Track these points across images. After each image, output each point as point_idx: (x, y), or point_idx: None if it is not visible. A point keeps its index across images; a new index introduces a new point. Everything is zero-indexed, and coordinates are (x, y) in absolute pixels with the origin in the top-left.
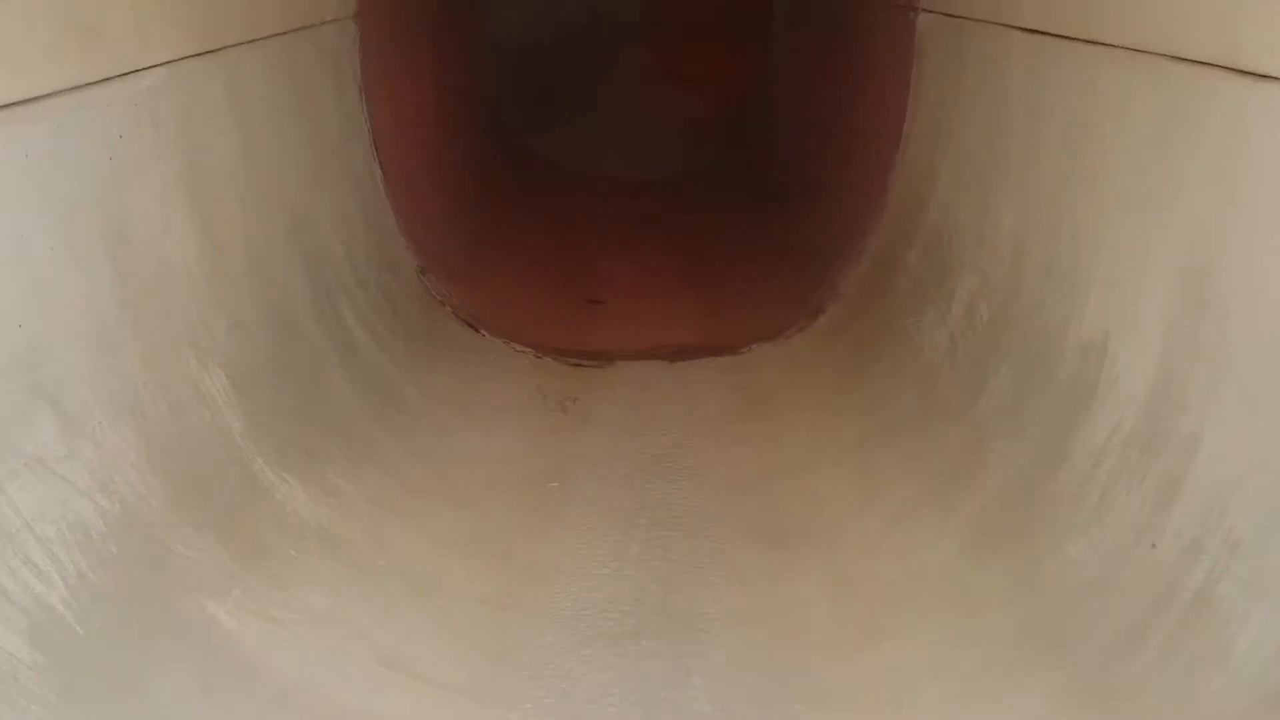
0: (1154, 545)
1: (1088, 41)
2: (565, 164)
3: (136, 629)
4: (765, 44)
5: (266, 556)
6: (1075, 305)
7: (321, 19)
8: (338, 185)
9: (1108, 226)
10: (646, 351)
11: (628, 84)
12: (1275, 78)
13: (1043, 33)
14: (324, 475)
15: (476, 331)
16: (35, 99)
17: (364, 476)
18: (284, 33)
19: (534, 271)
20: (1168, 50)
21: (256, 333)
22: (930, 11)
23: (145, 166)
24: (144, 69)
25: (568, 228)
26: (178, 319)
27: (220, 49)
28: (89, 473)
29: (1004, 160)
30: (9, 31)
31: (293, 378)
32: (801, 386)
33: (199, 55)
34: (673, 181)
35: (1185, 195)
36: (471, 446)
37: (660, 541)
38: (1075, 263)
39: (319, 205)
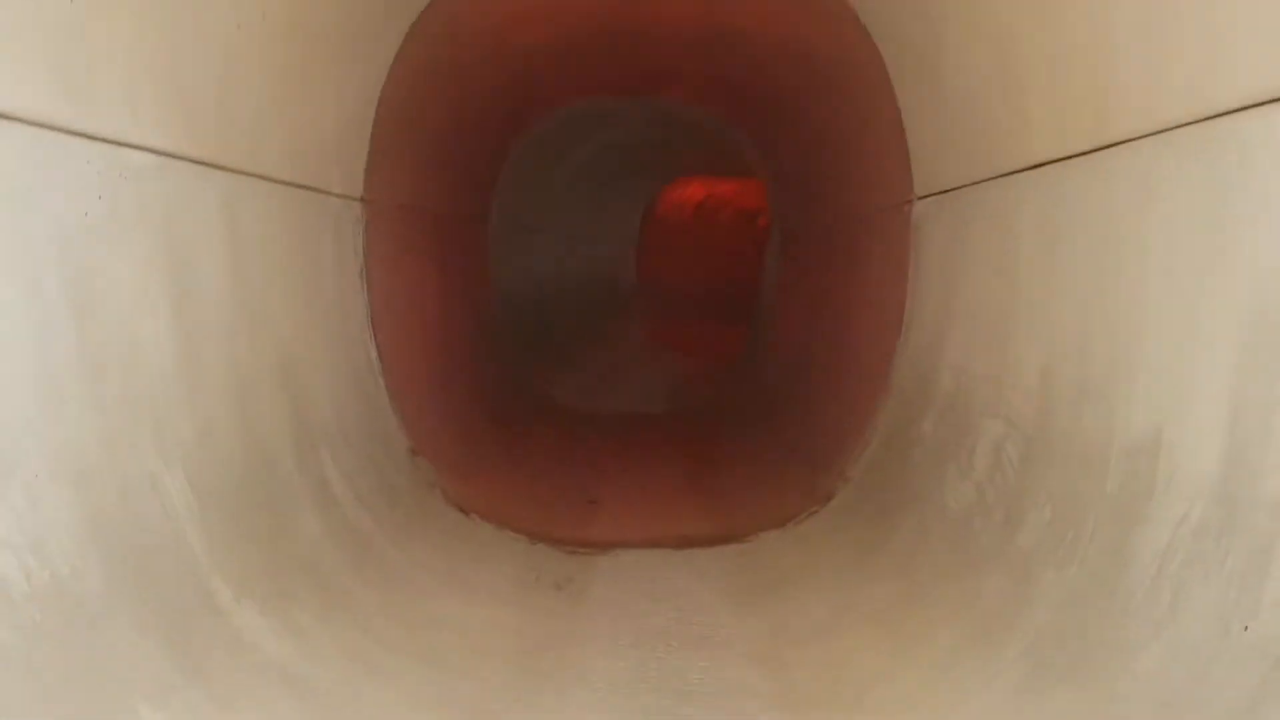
0: (1246, 628)
1: (1105, 148)
2: (564, 401)
3: (53, 708)
4: (757, 308)
5: (215, 678)
6: (1118, 410)
7: (327, 187)
8: (331, 348)
9: (1149, 317)
10: (647, 541)
11: (624, 342)
12: None
13: (1053, 161)
14: (290, 613)
15: (466, 515)
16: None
17: (335, 625)
18: (288, 183)
19: (531, 473)
20: (1199, 114)
21: (228, 451)
22: (924, 197)
23: (124, 239)
24: (132, 145)
25: (567, 439)
26: (141, 404)
27: (218, 166)
28: (17, 523)
29: (1021, 301)
30: None
31: (264, 509)
32: (816, 564)
33: (195, 163)
34: (670, 415)
35: (1239, 242)
36: (456, 614)
37: (669, 710)
38: (1114, 369)
39: (310, 361)
